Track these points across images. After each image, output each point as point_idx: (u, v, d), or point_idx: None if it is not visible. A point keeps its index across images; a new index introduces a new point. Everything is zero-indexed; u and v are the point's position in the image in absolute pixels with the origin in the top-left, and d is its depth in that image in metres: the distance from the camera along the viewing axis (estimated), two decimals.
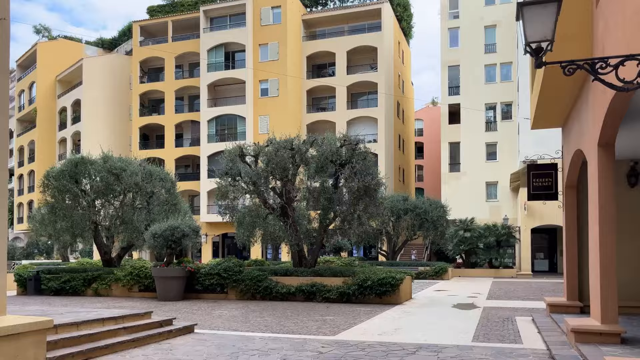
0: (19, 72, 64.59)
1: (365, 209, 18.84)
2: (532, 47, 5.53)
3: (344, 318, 13.56)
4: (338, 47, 47.15)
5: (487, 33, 43.43)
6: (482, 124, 42.99)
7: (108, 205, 22.25)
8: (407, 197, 34.44)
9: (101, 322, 10.09)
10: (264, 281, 17.96)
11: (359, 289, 16.97)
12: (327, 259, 26.95)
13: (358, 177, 18.23)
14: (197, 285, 18.80)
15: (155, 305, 16.68)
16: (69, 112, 56.03)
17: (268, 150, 19.11)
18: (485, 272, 34.60)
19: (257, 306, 16.36)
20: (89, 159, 21.61)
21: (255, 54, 47.07)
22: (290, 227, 18.91)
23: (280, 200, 19.33)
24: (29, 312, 11.05)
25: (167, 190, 22.61)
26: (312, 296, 17.38)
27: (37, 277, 20.57)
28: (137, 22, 52.60)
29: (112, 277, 19.91)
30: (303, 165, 19.26)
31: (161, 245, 18.60)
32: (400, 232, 33.99)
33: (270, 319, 13.47)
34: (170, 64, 50.80)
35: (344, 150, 18.78)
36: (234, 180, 19.44)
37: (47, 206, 21.48)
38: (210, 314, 14.52)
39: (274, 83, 46.35)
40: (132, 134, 51.52)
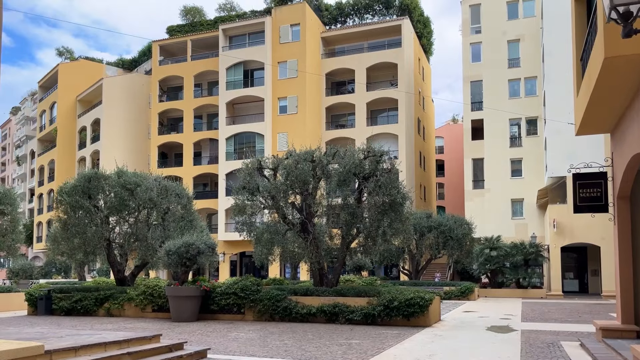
0: (40, 93, 65.15)
1: (390, 225, 17.74)
2: (618, 11, 4.48)
3: (371, 342, 12.46)
4: (357, 64, 46.51)
5: (511, 47, 42.40)
6: (506, 140, 41.74)
7: (122, 222, 21.50)
8: (430, 214, 33.24)
9: (103, 346, 9.15)
10: (283, 301, 16.94)
11: (385, 310, 15.85)
12: (348, 278, 25.79)
13: (383, 190, 17.18)
14: (213, 305, 17.83)
15: (168, 327, 15.75)
16: (89, 131, 56.11)
17: (287, 163, 18.19)
18: (512, 292, 33.15)
19: (276, 328, 15.33)
20: (103, 174, 20.96)
21: (274, 71, 46.66)
22: (311, 244, 17.88)
23: (300, 215, 18.36)
24: (27, 334, 10.16)
25: (183, 207, 21.80)
26: (334, 317, 16.31)
27: (48, 297, 19.79)
28: (157, 42, 52.71)
29: (124, 296, 19.06)
30: (324, 178, 18.29)
31: (175, 263, 17.72)
32: (423, 251, 32.71)
33: (290, 342, 12.43)
34: (190, 82, 50.65)
35: (368, 162, 17.78)
36: (251, 195, 18.53)
37: (60, 223, 20.79)
38: (225, 337, 13.53)
39: (293, 100, 45.78)
40: (151, 152, 51.24)
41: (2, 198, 23.28)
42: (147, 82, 55.06)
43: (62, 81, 59.10)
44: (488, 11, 43.14)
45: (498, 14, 42.84)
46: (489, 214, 40.55)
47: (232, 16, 53.51)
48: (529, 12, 42.40)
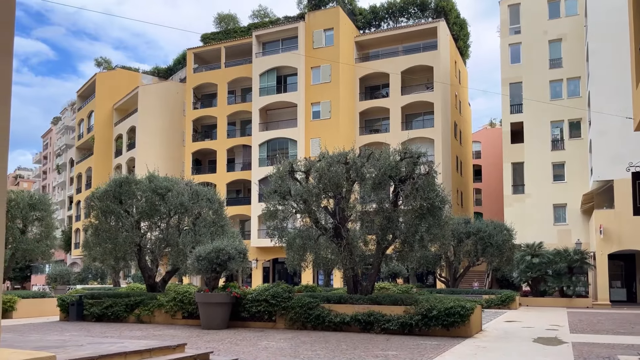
0: (79, 103, 66.48)
1: (428, 230, 16.86)
2: None
3: (409, 353, 11.66)
4: (392, 68, 45.70)
5: (552, 47, 40.90)
6: (547, 143, 40.17)
7: (153, 227, 21.22)
8: (468, 220, 32.10)
9: (123, 356, 8.63)
10: (315, 309, 16.26)
11: (423, 320, 15.02)
12: (382, 285, 24.91)
13: (420, 194, 16.34)
14: (244, 313, 17.29)
15: (197, 334, 15.28)
16: (125, 138, 56.84)
17: (320, 166, 17.53)
18: (555, 301, 31.72)
19: (308, 337, 14.65)
20: (134, 179, 20.76)
21: (308, 76, 46.28)
22: (344, 250, 17.16)
23: (333, 220, 17.68)
24: (47, 342, 9.77)
25: (214, 212, 21.39)
26: (369, 327, 15.55)
27: (79, 303, 19.64)
28: (191, 50, 53.08)
29: (155, 302, 18.73)
30: (358, 181, 17.56)
31: (205, 269, 17.26)
32: (461, 258, 31.57)
33: (322, 352, 11.73)
34: (223, 89, 50.75)
35: (404, 164, 16.95)
36: (283, 199, 17.94)
37: (92, 228, 20.65)
38: (255, 346, 12.93)
39: (326, 105, 45.26)
40: (185, 159, 51.49)
41: (37, 204, 23.43)
42: (181, 89, 55.50)
43: (99, 90, 60.17)
44: (528, 11, 41.78)
45: (538, 13, 41.43)
46: (529, 219, 39.04)
47: (266, 22, 53.48)
48: (572, 11, 40.86)
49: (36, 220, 23.67)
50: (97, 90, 60.27)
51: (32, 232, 23.79)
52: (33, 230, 23.81)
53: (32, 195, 23.66)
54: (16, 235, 22.92)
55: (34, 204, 23.30)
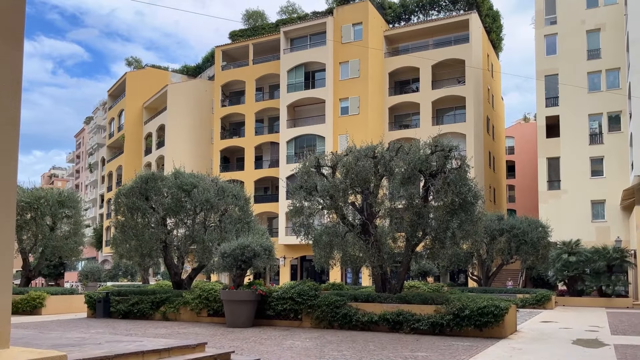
0: (110, 102, 67.39)
1: (460, 227, 16.16)
2: None
3: (440, 355, 11.07)
4: (422, 62, 44.79)
5: (590, 38, 39.41)
6: (585, 137, 38.73)
7: (179, 224, 21.02)
8: (502, 217, 31.10)
9: (141, 355, 8.27)
10: (342, 307, 15.77)
11: (455, 319, 14.40)
12: (412, 284, 24.23)
13: (452, 188, 15.65)
14: (269, 311, 16.92)
15: (221, 332, 14.97)
16: (154, 137, 57.32)
17: (347, 160, 17.00)
18: (594, 301, 30.56)
19: (335, 336, 14.17)
20: (160, 175, 20.61)
21: (336, 72, 45.77)
22: (372, 247, 16.58)
23: (360, 216, 17.11)
24: (66, 340, 9.52)
25: (240, 208, 21.08)
26: (398, 326, 15.00)
27: (106, 300, 19.58)
28: (220, 47, 53.13)
29: (180, 300, 18.52)
30: (387, 176, 16.97)
31: (230, 266, 16.96)
32: (494, 256, 30.60)
33: (349, 353, 11.24)
34: (251, 86, 50.65)
35: (435, 158, 16.27)
36: (309, 194, 17.46)
37: (118, 225, 20.58)
38: (280, 345, 12.52)
39: (355, 101, 44.66)
40: (213, 156, 51.59)
41: (66, 201, 23.53)
42: (210, 87, 55.64)
43: (129, 89, 60.83)
44: (564, 0, 40.35)
45: (575, 2, 40.00)
46: (565, 216, 37.73)
47: (294, 18, 53.17)
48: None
49: (65, 218, 23.78)
50: (127, 89, 60.95)
51: (61, 229, 23.92)
52: (62, 227, 23.93)
53: (61, 192, 23.80)
54: (45, 232, 23.07)
55: (62, 201, 23.41)
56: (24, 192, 22.91)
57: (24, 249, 23.33)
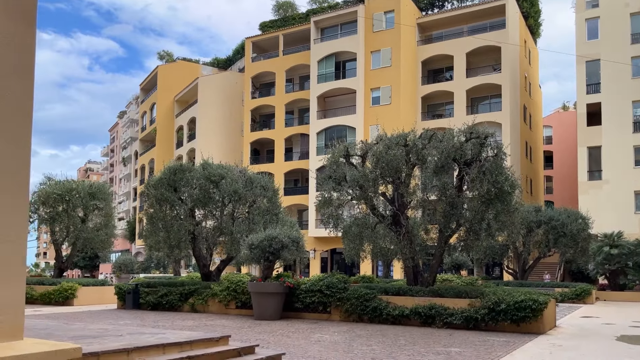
0: (142, 95, 68.11)
1: (496, 217, 15.48)
2: None
3: (474, 351, 10.51)
4: (456, 50, 43.70)
5: (634, 21, 37.68)
6: (628, 124, 37.09)
7: (208, 215, 20.84)
8: (539, 208, 30.08)
9: (161, 348, 7.95)
10: (372, 301, 15.30)
11: (490, 314, 13.80)
12: (445, 277, 23.54)
13: (487, 177, 14.93)
14: (297, 303, 16.58)
15: (249, 325, 14.70)
16: (185, 130, 57.66)
17: (377, 149, 16.44)
18: (637, 295, 29.52)
19: (364, 330, 13.73)
20: (188, 166, 20.44)
21: (367, 61, 45.05)
22: (404, 238, 16.02)
23: (391, 207, 16.56)
24: (88, 331, 9.31)
25: (268, 199, 20.75)
26: (430, 320, 14.48)
27: (135, 291, 19.57)
28: (250, 39, 52.98)
29: (208, 292, 18.36)
30: (419, 165, 16.36)
31: (258, 257, 16.64)
32: (531, 248, 29.62)
33: (378, 348, 10.78)
34: (281, 77, 50.37)
35: (470, 146, 15.58)
36: (338, 185, 16.97)
37: (147, 216, 20.53)
38: (308, 339, 12.14)
39: (386, 91, 43.88)
40: (244, 149, 51.57)
41: (96, 193, 23.65)
42: (240, 79, 55.59)
43: (161, 82, 61.31)
44: None
45: None
46: (607, 207, 36.27)
47: (324, 7, 52.61)
48: None
49: (96, 210, 23.92)
50: (158, 82, 61.45)
51: (92, 221, 24.07)
52: (93, 219, 24.09)
53: (91, 184, 23.94)
54: (77, 224, 23.25)
55: (93, 193, 23.53)
56: (55, 184, 23.12)
57: (57, 241, 23.59)
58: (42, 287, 22.02)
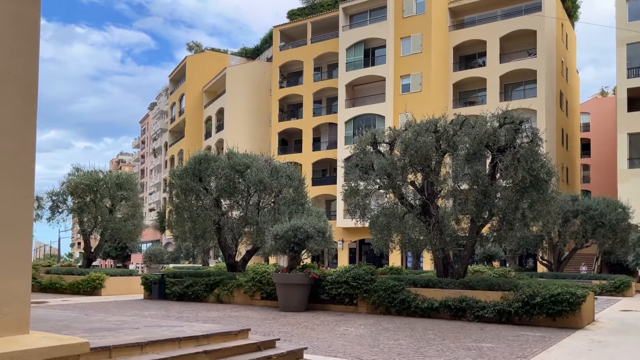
0: (171, 87, 68.41)
1: (531, 207, 14.77)
2: None
3: (507, 347, 9.94)
4: (489, 34, 42.40)
5: None
6: None
7: (234, 205, 20.58)
8: (576, 197, 28.95)
9: (177, 342, 7.63)
10: (400, 293, 14.80)
11: (524, 307, 13.18)
12: (477, 268, 22.77)
13: (522, 164, 14.23)
14: (323, 295, 16.18)
15: (273, 317, 14.38)
16: (214, 120, 57.72)
17: (406, 136, 15.83)
18: None
19: (391, 323, 13.25)
20: (213, 156, 20.21)
21: (397, 48, 44.14)
22: (433, 229, 15.43)
23: (420, 196, 15.96)
24: (107, 323, 9.07)
25: (294, 189, 20.36)
26: (460, 313, 13.92)
27: (161, 281, 19.48)
28: (278, 27, 52.57)
29: (234, 282, 18.12)
30: (450, 152, 15.70)
31: (283, 248, 16.27)
32: (567, 239, 28.56)
33: (406, 342, 10.30)
34: (309, 66, 49.84)
35: (504, 131, 14.86)
36: (365, 173, 16.44)
37: (173, 207, 20.39)
38: (332, 332, 11.74)
39: (417, 78, 42.93)
40: (271, 139, 51.33)
41: (123, 183, 23.66)
42: (268, 69, 55.28)
43: (189, 73, 61.42)
44: None
45: None
46: None
47: None
48: None
49: (123, 200, 23.94)
50: (187, 73, 61.57)
51: (120, 211, 24.12)
52: (121, 209, 24.14)
53: (118, 175, 23.96)
54: (105, 214, 23.32)
55: (120, 183, 23.55)
56: (84, 175, 23.20)
57: (85, 231, 23.72)
58: (71, 277, 22.17)
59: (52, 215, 23.18)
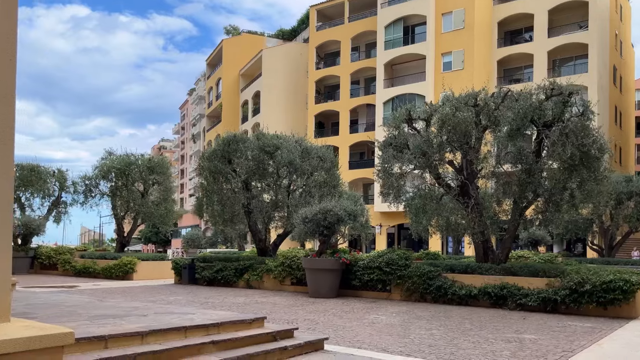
0: (208, 71, 68.27)
1: (580, 186, 13.55)
2: None
3: (552, 339, 8.99)
4: (537, 7, 40.25)
5: None
6: None
7: (265, 188, 19.96)
8: (630, 178, 27.06)
9: (182, 332, 7.01)
10: (436, 279, 13.92)
11: (571, 295, 12.12)
12: (520, 254, 21.43)
13: (571, 140, 13.00)
14: (355, 281, 15.43)
15: (301, 303, 13.77)
16: (250, 104, 57.31)
17: (443, 112, 14.75)
18: None
19: (426, 311, 12.42)
20: (242, 137, 19.58)
21: (438, 24, 42.51)
22: (472, 211, 14.37)
23: (459, 175, 14.89)
24: (119, 309, 8.57)
25: (326, 171, 19.55)
26: (501, 301, 12.96)
27: (191, 266, 19.15)
28: (314, 7, 51.55)
29: (263, 267, 17.59)
30: (491, 128, 14.57)
31: (312, 232, 15.55)
32: (620, 222, 26.78)
33: (439, 333, 9.47)
34: (346, 46, 48.73)
35: (551, 104, 13.64)
36: (399, 152, 15.46)
37: (202, 189, 19.95)
38: (361, 320, 10.99)
39: (459, 55, 41.26)
40: (308, 122, 50.60)
41: (155, 167, 23.41)
42: (305, 50, 54.36)
43: (226, 57, 61.08)
44: None
45: None
46: None
47: None
48: None
49: (155, 184, 23.71)
50: (224, 57, 61.24)
51: (152, 195, 23.92)
52: (153, 193, 23.93)
53: (150, 158, 23.69)
54: (137, 198, 23.14)
55: (152, 167, 23.31)
56: (115, 159, 23.06)
57: (117, 215, 23.64)
58: (104, 261, 22.13)
59: (85, 200, 23.19)
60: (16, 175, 25.99)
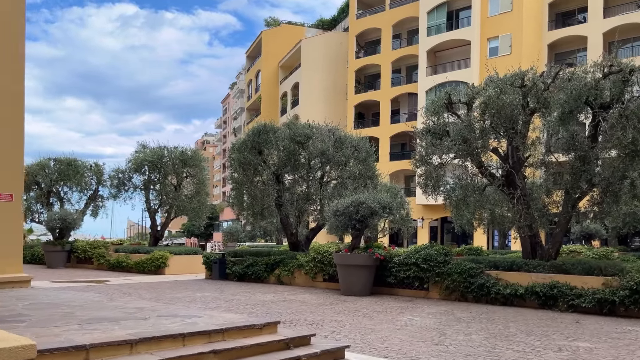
0: (247, 63, 67.82)
1: None
2: None
3: (612, 348, 7.95)
4: None
5: None
6: None
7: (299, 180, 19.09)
8: None
9: (180, 339, 6.20)
10: (478, 277, 12.80)
11: (632, 296, 10.86)
12: (572, 248, 19.75)
13: (632, 122, 11.58)
14: (390, 278, 14.41)
15: (331, 302, 12.90)
16: (289, 96, 56.51)
17: (487, 94, 13.47)
18: None
19: (466, 312, 11.38)
20: (272, 127, 18.74)
21: (484, 7, 40.53)
22: (519, 202, 13.05)
23: (504, 164, 13.59)
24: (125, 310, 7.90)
25: (360, 161, 18.49)
26: (550, 302, 11.78)
27: (222, 261, 18.54)
28: None
29: (294, 263, 16.79)
30: (540, 111, 13.21)
31: (344, 225, 14.60)
32: None
33: (479, 338, 8.46)
34: (387, 34, 47.23)
35: (609, 83, 12.17)
36: (438, 139, 14.25)
37: (232, 182, 19.27)
38: (393, 322, 10.06)
39: (506, 39, 39.23)
40: (348, 113, 49.40)
41: (188, 160, 22.94)
42: (345, 39, 53.08)
43: (265, 49, 60.42)
44: None
45: None
46: None
47: None
48: None
49: (188, 177, 23.26)
50: (263, 48, 60.61)
51: (186, 188, 23.49)
52: (187, 186, 23.50)
53: (183, 151, 23.20)
54: (170, 192, 22.74)
55: (185, 160, 22.84)
56: (148, 152, 22.71)
57: (150, 208, 23.32)
58: (137, 255, 21.84)
59: (117, 193, 22.98)
60: (54, 170, 26.19)
